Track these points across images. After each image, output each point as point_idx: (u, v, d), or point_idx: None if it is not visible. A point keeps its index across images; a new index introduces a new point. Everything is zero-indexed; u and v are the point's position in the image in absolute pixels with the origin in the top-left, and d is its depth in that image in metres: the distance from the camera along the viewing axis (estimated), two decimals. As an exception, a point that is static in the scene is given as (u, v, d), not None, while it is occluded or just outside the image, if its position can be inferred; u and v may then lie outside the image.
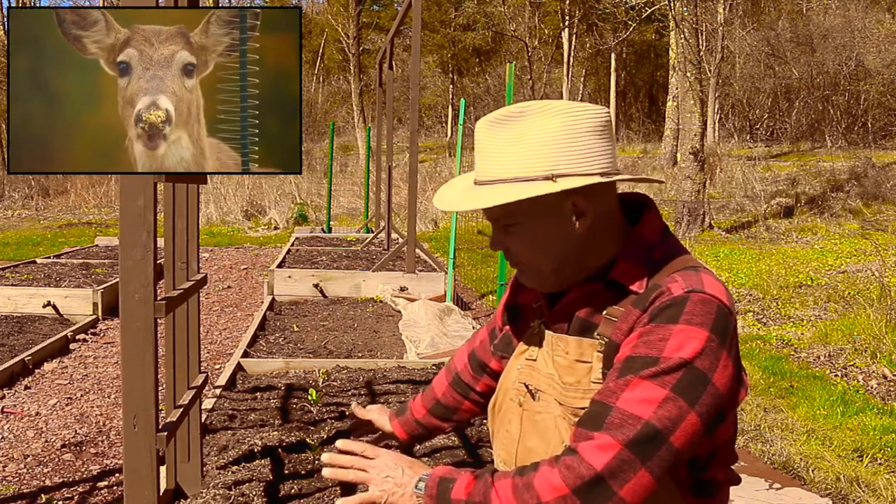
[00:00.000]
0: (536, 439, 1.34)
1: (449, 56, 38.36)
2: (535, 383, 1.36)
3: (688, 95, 12.06)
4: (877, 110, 25.52)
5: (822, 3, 28.78)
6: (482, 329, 1.69)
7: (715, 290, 1.21)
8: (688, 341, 1.16)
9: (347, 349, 4.86)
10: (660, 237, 1.31)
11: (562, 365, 1.31)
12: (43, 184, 17.56)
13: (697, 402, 1.15)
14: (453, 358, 1.71)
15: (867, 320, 5.15)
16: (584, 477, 1.12)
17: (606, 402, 1.17)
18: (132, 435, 1.85)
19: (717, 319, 1.18)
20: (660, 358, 1.16)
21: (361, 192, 14.73)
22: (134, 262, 1.81)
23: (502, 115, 1.25)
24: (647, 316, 1.21)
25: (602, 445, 1.13)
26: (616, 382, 1.18)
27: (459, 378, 1.66)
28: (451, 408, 1.67)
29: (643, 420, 1.13)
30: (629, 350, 1.20)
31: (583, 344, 1.28)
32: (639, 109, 37.42)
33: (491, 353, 1.61)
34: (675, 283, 1.21)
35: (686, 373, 1.15)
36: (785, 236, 11.33)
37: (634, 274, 1.27)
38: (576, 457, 1.14)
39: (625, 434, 1.13)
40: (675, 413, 1.14)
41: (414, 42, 6.37)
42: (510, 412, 1.41)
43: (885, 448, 3.39)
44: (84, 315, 5.73)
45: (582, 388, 1.28)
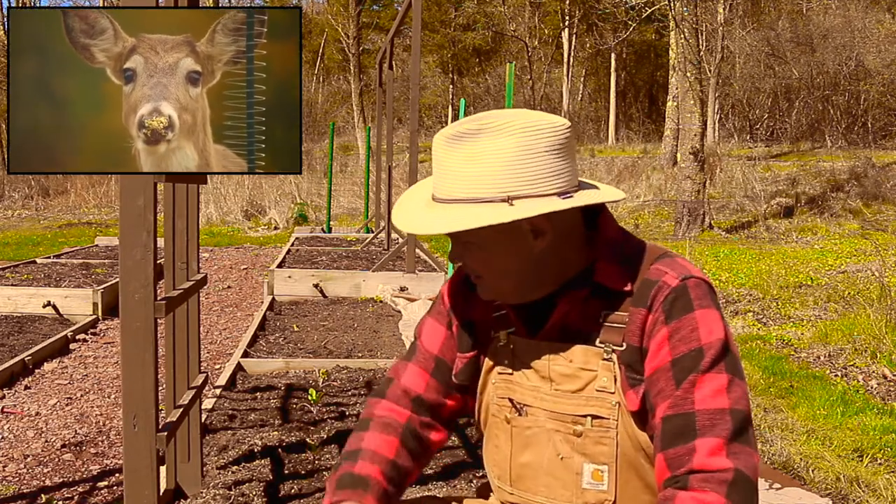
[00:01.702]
0: (529, 455, 1.33)
1: (449, 56, 38.37)
2: (518, 398, 1.33)
3: (688, 95, 12.06)
4: (877, 110, 25.53)
5: (822, 3, 28.79)
6: (409, 373, 1.43)
7: (695, 270, 1.27)
8: (712, 322, 1.21)
9: (347, 349, 4.86)
10: (621, 235, 1.33)
11: (563, 373, 1.29)
12: (43, 184, 17.56)
13: (741, 372, 1.22)
14: (380, 416, 1.40)
15: (867, 320, 5.15)
16: (728, 480, 1.12)
17: (686, 412, 1.17)
18: (132, 435, 1.85)
19: (713, 296, 1.25)
20: (702, 347, 1.19)
21: (361, 192, 14.73)
22: (134, 262, 1.81)
23: (459, 131, 1.22)
24: (660, 314, 1.22)
25: (712, 450, 1.14)
26: (682, 389, 1.18)
27: (414, 432, 1.40)
28: (411, 467, 1.40)
29: (728, 409, 1.16)
30: (667, 356, 1.20)
31: (588, 352, 1.27)
32: (639, 109, 37.42)
33: (445, 390, 1.42)
34: (667, 275, 1.24)
35: (727, 350, 1.20)
36: (785, 236, 11.33)
37: (617, 275, 1.28)
38: (700, 474, 1.14)
39: (724, 430, 1.15)
40: (741, 390, 1.19)
41: (414, 42, 6.38)
42: (495, 427, 1.38)
43: (885, 448, 3.39)
44: (84, 315, 5.73)
45: (585, 395, 1.27)
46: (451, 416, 1.46)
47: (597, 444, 1.27)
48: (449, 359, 1.43)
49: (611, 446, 1.26)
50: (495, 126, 1.20)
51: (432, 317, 1.47)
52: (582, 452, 1.28)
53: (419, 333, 1.48)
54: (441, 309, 1.46)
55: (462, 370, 1.41)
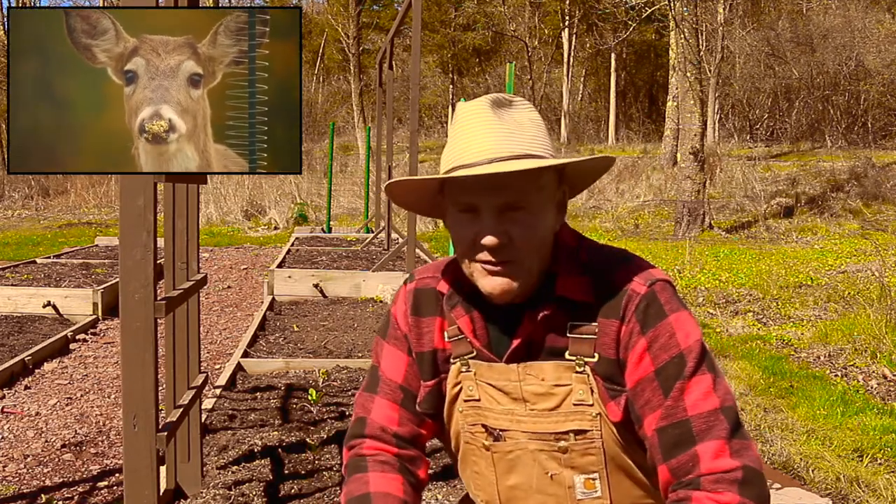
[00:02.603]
0: (516, 478, 1.31)
1: (449, 56, 38.35)
2: (492, 423, 1.30)
3: (688, 95, 12.06)
4: (877, 110, 25.52)
5: (822, 3, 28.78)
6: (379, 407, 1.38)
7: (657, 272, 1.27)
8: (686, 325, 1.22)
9: (347, 349, 4.86)
10: (576, 240, 1.32)
11: (537, 392, 1.26)
12: (43, 184, 17.56)
13: (718, 367, 1.23)
14: (365, 461, 1.36)
15: (867, 320, 5.15)
16: (739, 479, 1.13)
17: (680, 420, 1.18)
18: (132, 435, 1.85)
19: (678, 295, 1.26)
20: (683, 352, 1.19)
21: (361, 192, 14.73)
22: (134, 262, 1.81)
23: (499, 98, 1.26)
24: (634, 324, 1.21)
25: (716, 452, 1.15)
26: (671, 398, 1.18)
27: (406, 467, 1.37)
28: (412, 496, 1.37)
29: (719, 409, 1.17)
30: (650, 366, 1.20)
31: (560, 367, 1.25)
32: (639, 109, 37.41)
33: (417, 419, 1.38)
34: (633, 282, 1.24)
35: (704, 350, 1.21)
36: (785, 236, 11.33)
37: (578, 286, 1.26)
38: (710, 476, 1.14)
39: (721, 430, 1.16)
40: (724, 386, 1.21)
41: (414, 42, 6.37)
42: (472, 454, 1.35)
43: (885, 448, 3.39)
44: (84, 315, 5.73)
45: (563, 411, 1.25)
46: (426, 444, 1.42)
47: (584, 456, 1.26)
48: (414, 387, 1.37)
49: (598, 455, 1.26)
50: (518, 100, 1.27)
51: (389, 343, 1.40)
52: (570, 466, 1.27)
53: (378, 361, 1.41)
54: (397, 334, 1.39)
55: (425, 399, 1.36)
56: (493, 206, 1.21)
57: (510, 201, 1.21)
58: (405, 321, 1.38)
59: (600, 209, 14.89)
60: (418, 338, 1.36)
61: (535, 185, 1.21)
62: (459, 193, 1.23)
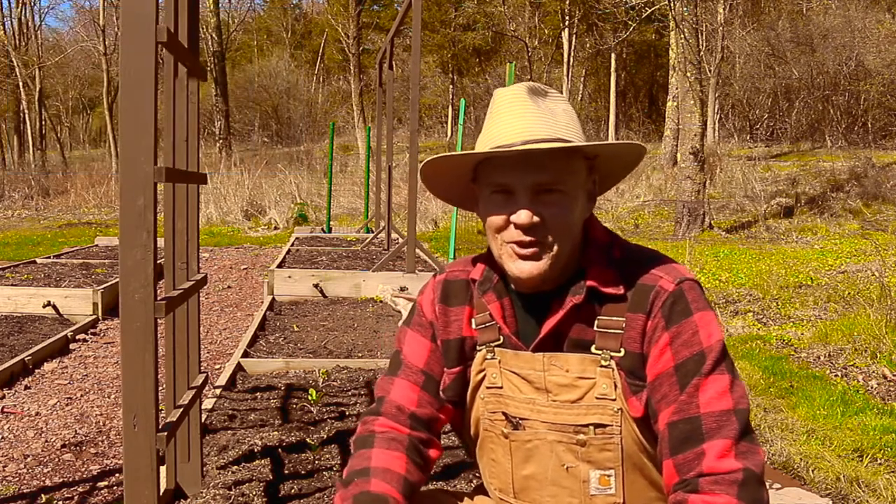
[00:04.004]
0: (532, 467, 1.32)
1: (449, 56, 38.37)
2: (512, 412, 1.32)
3: (688, 95, 12.06)
4: (877, 110, 25.50)
5: (822, 3, 28.77)
6: (399, 389, 1.40)
7: (686, 272, 1.28)
8: (710, 324, 1.23)
9: (347, 349, 4.86)
10: (608, 237, 1.34)
11: (561, 384, 1.28)
12: (43, 184, 17.57)
13: (737, 371, 1.24)
14: (375, 448, 1.35)
15: (867, 320, 5.14)
16: (738, 481, 1.13)
17: (691, 416, 1.18)
18: (132, 435, 1.85)
19: (705, 296, 1.27)
20: (704, 350, 1.20)
21: (361, 192, 14.73)
22: (134, 262, 1.81)
23: (536, 87, 1.29)
24: (659, 319, 1.23)
25: (721, 452, 1.15)
26: (686, 393, 1.19)
27: (416, 447, 1.37)
28: (420, 479, 1.38)
29: (732, 410, 1.18)
30: (670, 360, 1.21)
31: (585, 360, 1.27)
32: (639, 109, 37.41)
33: (438, 403, 1.40)
34: (662, 279, 1.25)
35: (725, 351, 1.22)
36: (785, 236, 11.33)
37: (608, 278, 1.28)
38: (710, 477, 1.15)
39: (731, 430, 1.16)
40: (741, 389, 1.21)
41: (414, 42, 6.37)
42: (490, 442, 1.37)
43: (885, 448, 3.38)
44: (84, 315, 5.73)
45: (585, 404, 1.26)
46: (441, 429, 1.44)
47: (602, 451, 1.26)
48: (436, 373, 1.39)
49: (616, 451, 1.26)
50: (553, 91, 1.31)
51: (413, 329, 1.42)
52: (587, 460, 1.27)
53: (401, 347, 1.43)
54: (422, 321, 1.42)
55: (450, 386, 1.38)
56: (527, 185, 1.24)
57: (543, 182, 1.24)
58: (431, 309, 1.41)
59: (600, 209, 14.88)
60: (445, 326, 1.39)
61: (568, 168, 1.25)
62: (494, 173, 1.26)
